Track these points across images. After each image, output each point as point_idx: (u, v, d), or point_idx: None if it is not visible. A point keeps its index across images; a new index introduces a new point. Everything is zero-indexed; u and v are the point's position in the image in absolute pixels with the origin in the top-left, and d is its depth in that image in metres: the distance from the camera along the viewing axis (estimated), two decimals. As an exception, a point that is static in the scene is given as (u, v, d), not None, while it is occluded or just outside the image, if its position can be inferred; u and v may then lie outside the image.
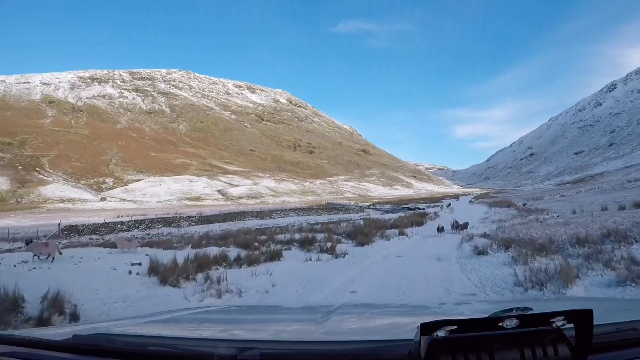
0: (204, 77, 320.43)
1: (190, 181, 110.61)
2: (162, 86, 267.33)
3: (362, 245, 16.68)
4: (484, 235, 16.73)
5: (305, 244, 15.91)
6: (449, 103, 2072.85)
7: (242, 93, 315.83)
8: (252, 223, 41.35)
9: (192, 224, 44.44)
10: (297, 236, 18.86)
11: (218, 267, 11.18)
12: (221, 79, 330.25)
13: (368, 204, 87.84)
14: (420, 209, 54.89)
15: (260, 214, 54.21)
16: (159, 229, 41.86)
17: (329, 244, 15.39)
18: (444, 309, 2.77)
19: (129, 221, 44.74)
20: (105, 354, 1.47)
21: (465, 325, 1.11)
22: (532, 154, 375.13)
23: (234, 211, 55.43)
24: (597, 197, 43.54)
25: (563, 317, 1.13)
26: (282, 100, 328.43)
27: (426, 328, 1.10)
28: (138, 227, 42.49)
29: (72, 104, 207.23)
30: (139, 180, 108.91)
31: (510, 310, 1.23)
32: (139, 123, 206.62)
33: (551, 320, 1.13)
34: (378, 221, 30.09)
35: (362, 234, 19.25)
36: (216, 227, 35.39)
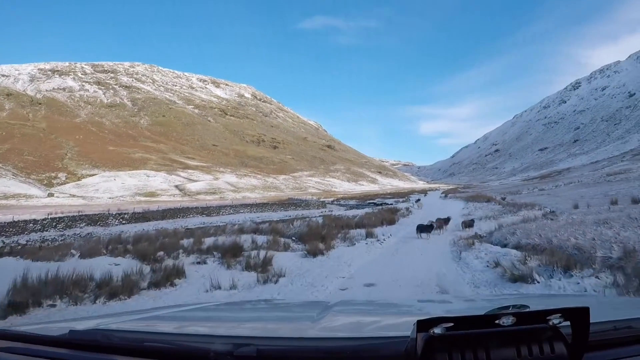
0: (168, 70, 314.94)
1: (147, 176, 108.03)
2: (125, 79, 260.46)
3: (314, 255, 12.22)
4: (484, 238, 14.46)
5: (229, 254, 11.68)
6: (414, 100, 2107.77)
7: (206, 87, 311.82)
8: (194, 221, 39.59)
9: (124, 222, 40.50)
10: (228, 240, 14.10)
11: (55, 303, 7.19)
12: (185, 73, 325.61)
13: (332, 199, 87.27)
14: (388, 204, 51.48)
15: (206, 211, 51.70)
16: (81, 228, 37.63)
17: (262, 255, 11.34)
18: (440, 306, 2.78)
19: (45, 219, 39.25)
20: (102, 349, 1.46)
21: (461, 322, 1.11)
22: (497, 150, 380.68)
23: (180, 207, 52.95)
24: (583, 191, 42.47)
25: (560, 314, 1.13)
26: (246, 95, 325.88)
27: (423, 325, 1.10)
28: (56, 226, 37.55)
29: (30, 97, 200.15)
30: (93, 175, 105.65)
31: (507, 307, 1.21)
32: (99, 117, 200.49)
33: (548, 317, 1.13)
34: (340, 219, 26.30)
35: (318, 237, 15.56)
36: (149, 226, 32.30)
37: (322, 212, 45.12)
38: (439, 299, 3.99)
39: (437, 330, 1.09)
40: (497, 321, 1.12)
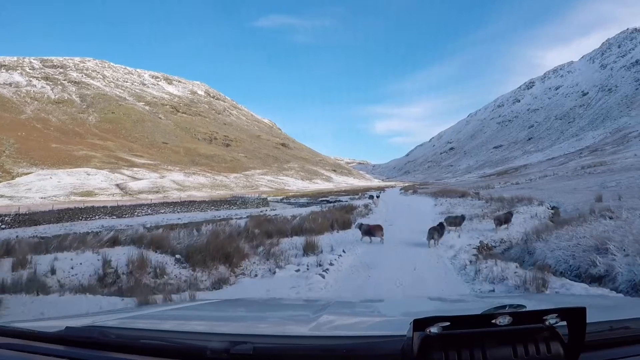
0: (120, 66, 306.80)
1: (88, 174, 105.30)
2: (74, 75, 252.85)
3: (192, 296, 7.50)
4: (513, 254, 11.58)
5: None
6: (369, 99, 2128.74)
7: (158, 84, 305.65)
8: (94, 224, 35.37)
9: (4, 226, 34.83)
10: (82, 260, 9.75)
11: None
12: (137, 69, 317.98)
13: (281, 197, 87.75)
14: (342, 202, 46.17)
15: (118, 211, 47.08)
16: None
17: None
18: (436, 306, 2.84)
19: None
20: (98, 346, 1.46)
21: (458, 321, 1.11)
22: (451, 148, 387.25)
23: (83, 207, 45.75)
24: (569, 183, 40.92)
25: (556, 314, 1.13)
26: (199, 92, 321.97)
27: (419, 324, 1.09)
28: None
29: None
30: (29, 173, 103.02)
31: (504, 307, 1.22)
32: (45, 113, 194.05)
33: (544, 317, 1.13)
34: (273, 220, 21.41)
35: (220, 254, 10.84)
36: (27, 232, 28.58)
37: (260, 210, 42.07)
38: (436, 299, 4.04)
39: (433, 330, 1.09)
40: (493, 321, 1.11)
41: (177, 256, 11.10)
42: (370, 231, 14.27)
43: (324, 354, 1.30)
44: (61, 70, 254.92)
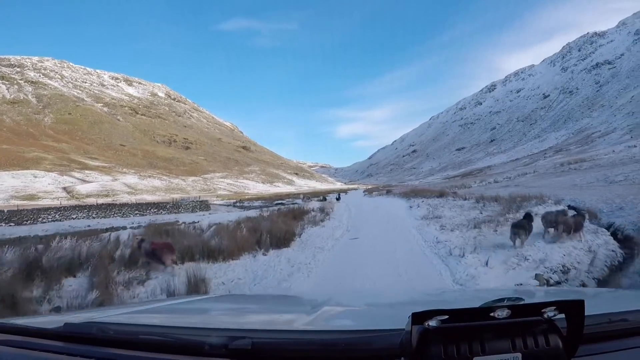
0: (79, 67, 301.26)
1: (35, 177, 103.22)
2: (32, 74, 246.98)
3: None
4: None
5: None
6: (331, 103, 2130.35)
7: (118, 85, 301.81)
8: None
9: None
10: None
11: None
12: (97, 70, 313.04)
13: (234, 200, 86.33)
14: (298, 204, 38.87)
15: (17, 216, 42.62)
16: None
17: None
18: (435, 299, 2.86)
19: None
20: (97, 342, 1.46)
21: (456, 315, 1.11)
22: (414, 151, 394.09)
23: None
24: (561, 179, 39.15)
25: (554, 307, 1.13)
26: (160, 94, 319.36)
27: (417, 318, 1.09)
28: None
29: None
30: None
31: (502, 300, 1.22)
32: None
33: (542, 310, 1.13)
34: (179, 232, 15.37)
35: None
36: None
37: (190, 218, 35.02)
38: (435, 292, 4.05)
39: (432, 323, 1.09)
40: (492, 314, 1.11)
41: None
42: (155, 254, 8.72)
43: (323, 349, 1.29)
44: (18, 69, 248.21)
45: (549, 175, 54.58)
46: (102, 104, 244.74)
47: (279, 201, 59.48)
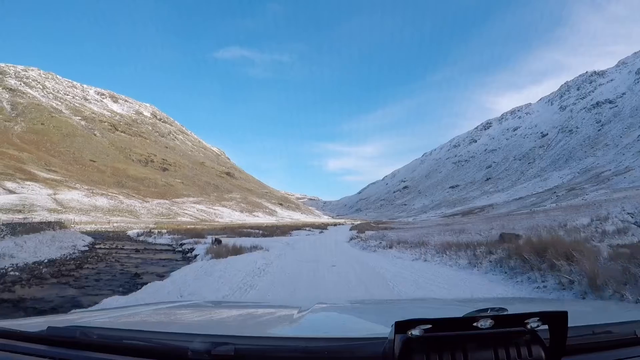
0: (64, 79, 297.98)
1: None
2: (12, 82, 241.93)
3: None
4: None
5: None
6: (323, 136, 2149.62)
7: (102, 101, 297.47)
8: None
9: None
10: None
11: None
12: (83, 85, 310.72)
13: (157, 230, 75.14)
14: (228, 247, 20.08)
15: None
16: None
17: None
18: (419, 308, 2.79)
19: None
20: (80, 346, 1.44)
21: (440, 324, 1.10)
22: (405, 187, 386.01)
23: None
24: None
25: (538, 318, 1.12)
26: (146, 113, 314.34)
27: (401, 326, 1.08)
28: None
29: None
30: None
31: (485, 310, 1.22)
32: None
33: (526, 321, 1.12)
34: None
35: None
36: None
37: None
38: (418, 300, 3.91)
39: (415, 332, 1.08)
40: (475, 324, 1.10)
41: None
42: None
43: (305, 356, 1.28)
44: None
45: (582, 208, 50.07)
46: (79, 117, 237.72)
47: (215, 235, 35.09)
